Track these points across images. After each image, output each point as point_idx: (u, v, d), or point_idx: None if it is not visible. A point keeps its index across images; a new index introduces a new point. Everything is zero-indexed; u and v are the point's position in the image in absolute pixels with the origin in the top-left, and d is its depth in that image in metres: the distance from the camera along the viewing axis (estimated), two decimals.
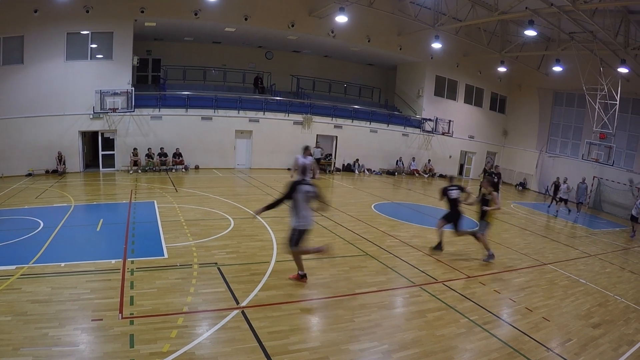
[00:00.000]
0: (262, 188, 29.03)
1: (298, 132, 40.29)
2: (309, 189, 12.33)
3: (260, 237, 17.16)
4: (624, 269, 19.82)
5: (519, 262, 18.20)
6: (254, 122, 38.29)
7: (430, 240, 19.67)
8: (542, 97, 49.71)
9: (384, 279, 14.14)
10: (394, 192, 33.71)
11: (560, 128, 48.30)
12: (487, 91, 52.49)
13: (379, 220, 22.70)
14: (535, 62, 46.80)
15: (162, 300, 11.08)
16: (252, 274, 13.35)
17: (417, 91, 48.35)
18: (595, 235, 27.87)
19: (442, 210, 18.80)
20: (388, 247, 17.76)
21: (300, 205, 12.28)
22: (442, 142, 48.82)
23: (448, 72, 48.82)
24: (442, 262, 16.47)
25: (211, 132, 36.62)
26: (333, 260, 15.31)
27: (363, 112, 44.62)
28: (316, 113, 41.36)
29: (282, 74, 45.69)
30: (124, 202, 18.73)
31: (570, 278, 16.79)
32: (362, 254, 16.41)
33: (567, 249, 22.23)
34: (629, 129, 41.62)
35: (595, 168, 42.14)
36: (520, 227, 26.10)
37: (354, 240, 18.18)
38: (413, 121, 47.51)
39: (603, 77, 37.13)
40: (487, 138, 53.21)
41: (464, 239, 19.98)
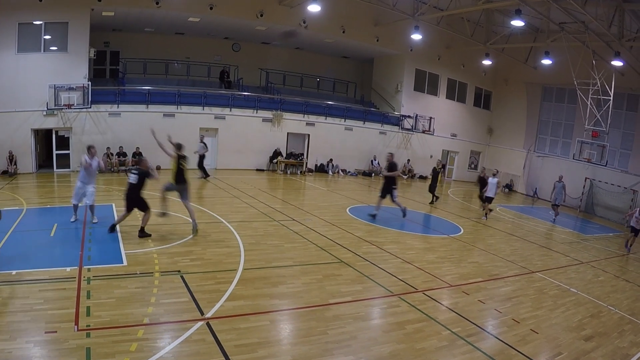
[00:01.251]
0: (229, 190, 29.04)
1: (267, 130, 40.27)
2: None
3: (226, 243, 17.20)
4: (618, 277, 20.04)
5: (505, 269, 18.30)
6: (219, 119, 38.19)
7: (409, 246, 19.85)
8: (530, 93, 49.98)
9: (360, 288, 14.17)
10: (370, 195, 33.68)
11: (550, 126, 48.60)
12: (470, 86, 52.76)
13: (355, 225, 22.74)
14: (522, 55, 47.07)
15: (121, 311, 11.01)
16: (217, 282, 13.33)
17: (395, 86, 48.56)
18: (588, 241, 28.12)
19: (422, 214, 18.90)
20: (364, 253, 17.79)
21: None
22: (423, 140, 48.99)
23: (429, 65, 48.96)
24: (422, 270, 16.53)
25: (174, 130, 35.39)
26: (305, 268, 15.36)
27: (337, 108, 44.73)
28: (287, 109, 41.31)
29: (250, 68, 45.65)
30: (80, 205, 18.64)
31: (560, 287, 16.93)
32: (337, 261, 16.44)
33: (557, 255, 22.43)
34: (623, 127, 41.83)
35: (588, 169, 42.35)
36: (506, 232, 26.24)
37: (328, 247, 18.18)
38: (391, 118, 47.68)
39: (596, 70, 37.30)
40: (470, 136, 53.50)
41: (450, 248, 20.22)
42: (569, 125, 46.67)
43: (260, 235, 18.91)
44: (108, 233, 17.01)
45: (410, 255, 18.33)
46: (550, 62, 41.32)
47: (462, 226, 26.11)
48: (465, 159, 53.97)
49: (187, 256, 15.31)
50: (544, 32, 40.85)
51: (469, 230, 25.31)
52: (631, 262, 23.79)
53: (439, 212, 30.13)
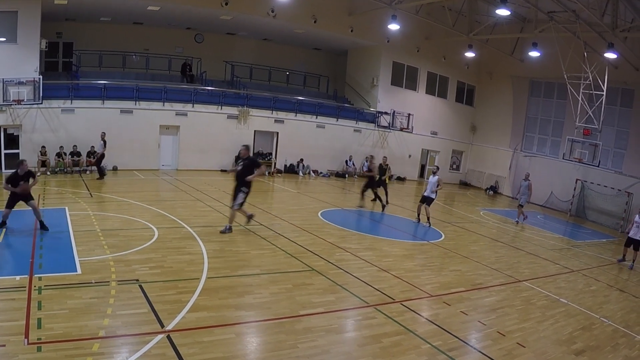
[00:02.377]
0: (191, 192, 28.96)
1: (233, 128, 40.10)
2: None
3: (188, 250, 17.13)
4: (611, 286, 20.22)
5: (490, 278, 18.43)
6: (181, 116, 38.00)
7: (386, 253, 19.94)
8: (517, 87, 50.25)
9: (333, 299, 14.20)
10: (344, 198, 33.90)
11: (538, 123, 48.87)
12: (452, 80, 53.07)
13: (327, 230, 22.78)
14: (508, 47, 47.30)
15: (74, 323, 10.93)
16: (179, 292, 13.30)
17: (371, 80, 48.72)
18: (579, 247, 28.35)
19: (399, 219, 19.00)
20: (337, 261, 17.83)
21: None
22: (401, 139, 49.22)
23: (407, 57, 49.17)
24: (400, 279, 16.59)
25: (132, 128, 36.04)
26: (273, 277, 15.35)
27: (308, 104, 44.79)
28: (254, 105, 41.21)
29: (215, 60, 45.54)
30: (30, 209, 18.56)
31: (549, 297, 17.05)
32: (307, 269, 16.47)
33: (545, 263, 22.59)
34: (617, 124, 42.13)
35: (579, 169, 42.52)
36: (490, 238, 26.45)
37: (298, 254, 18.18)
38: (366, 115, 47.92)
39: (587, 63, 37.45)
40: (452, 134, 53.75)
41: (430, 255, 20.36)
42: (558, 122, 46.89)
43: (225, 241, 18.86)
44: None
45: (387, 263, 18.39)
46: (538, 54, 41.32)
47: (443, 232, 26.18)
48: (447, 158, 54.18)
49: (146, 264, 15.23)
50: (532, 22, 40.93)
51: (450, 236, 25.40)
52: (625, 270, 23.97)
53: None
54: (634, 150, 41.00)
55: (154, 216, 21.56)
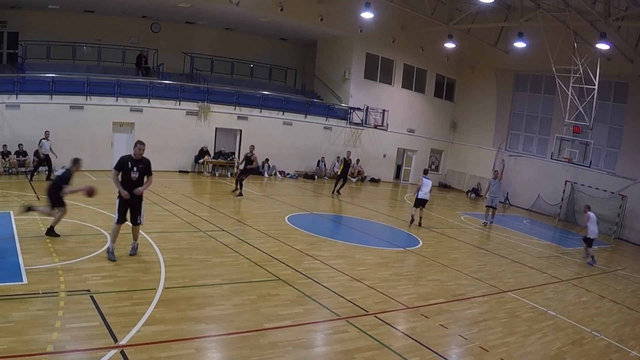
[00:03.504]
0: (147, 195, 28.43)
1: (192, 125, 40.06)
2: None
3: (144, 258, 17.01)
4: (603, 297, 20.39)
5: (472, 289, 18.54)
6: (136, 112, 37.79)
7: (359, 261, 20.01)
8: (501, 81, 50.55)
9: (301, 310, 14.23)
10: (313, 201, 34.09)
11: (524, 119, 49.17)
12: (431, 73, 53.32)
13: (295, 237, 22.79)
14: (492, 37, 47.62)
15: (20, 338, 10.84)
16: (134, 304, 13.22)
17: (342, 73, 48.89)
18: (568, 255, 28.57)
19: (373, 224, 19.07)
20: (306, 270, 17.85)
21: None
22: (375, 137, 49.48)
23: (382, 49, 49.39)
24: (374, 289, 16.64)
25: (83, 125, 35.68)
26: (236, 287, 15.32)
27: (274, 99, 44.82)
28: (215, 101, 41.09)
29: (172, 51, 45.41)
30: None
31: (536, 309, 17.17)
32: (273, 279, 16.46)
33: (532, 272, 22.75)
34: (610, 121, 42.44)
35: (568, 170, 42.87)
36: (472, 245, 26.65)
37: (263, 262, 18.15)
38: (337, 111, 48.03)
39: (577, 55, 37.61)
40: (431, 132, 53.97)
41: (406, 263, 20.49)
42: (546, 119, 47.18)
43: (183, 248, 18.82)
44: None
45: (360, 272, 18.43)
46: (524, 45, 41.42)
47: (420, 238, 26.27)
48: (425, 158, 54.38)
49: (98, 273, 15.10)
50: (517, 10, 40.99)
51: (429, 243, 25.51)
52: (619, 279, 24.21)
53: (394, 222, 30.46)
54: (628, 150, 41.24)
55: (106, 221, 21.30)
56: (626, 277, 25.24)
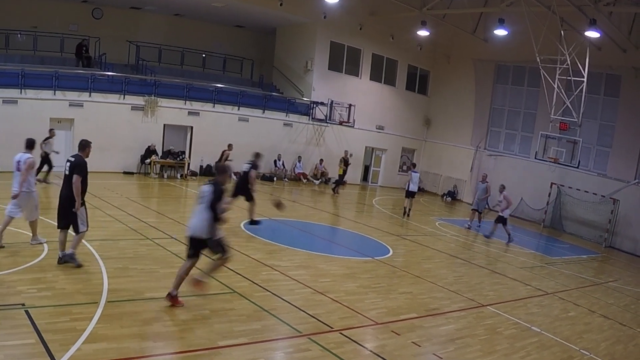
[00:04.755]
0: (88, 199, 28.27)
1: (138, 121, 39.67)
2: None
3: (85, 269, 16.81)
4: (593, 312, 20.57)
5: (447, 302, 18.62)
6: (76, 107, 37.39)
7: (323, 272, 20.05)
8: (480, 72, 50.76)
9: (258, 327, 14.17)
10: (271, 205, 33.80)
11: (505, 115, 49.43)
12: (402, 64, 53.54)
13: (252, 245, 22.81)
14: (469, 24, 47.64)
15: None
16: (73, 319, 13.05)
17: (304, 64, 48.92)
18: (554, 265, 28.86)
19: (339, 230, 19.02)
20: (264, 281, 17.83)
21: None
22: (340, 135, 49.46)
23: (348, 37, 49.45)
24: (339, 303, 16.63)
25: (16, 121, 34.93)
26: (186, 300, 15.07)
27: (229, 93, 44.72)
28: (163, 94, 40.77)
29: (116, 40, 45.03)
30: None
31: (518, 325, 17.26)
32: (228, 292, 16.42)
33: (514, 284, 22.90)
34: (600, 117, 42.65)
35: (554, 171, 43.16)
36: (448, 254, 26.70)
37: (216, 273, 18.06)
38: (299, 106, 48.14)
39: (565, 44, 37.64)
40: (402, 129, 54.19)
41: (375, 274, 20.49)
42: (529, 114, 47.41)
43: (129, 258, 18.74)
44: None
45: (324, 284, 18.47)
46: (505, 32, 41.43)
47: (391, 246, 26.34)
48: (395, 158, 54.78)
49: (34, 285, 14.95)
50: None
51: (400, 252, 25.69)
52: (610, 292, 24.43)
53: (361, 229, 30.51)
54: (621, 149, 41.36)
55: (42, 228, 20.96)
56: (618, 290, 25.47)
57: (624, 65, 40.65)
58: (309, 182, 46.65)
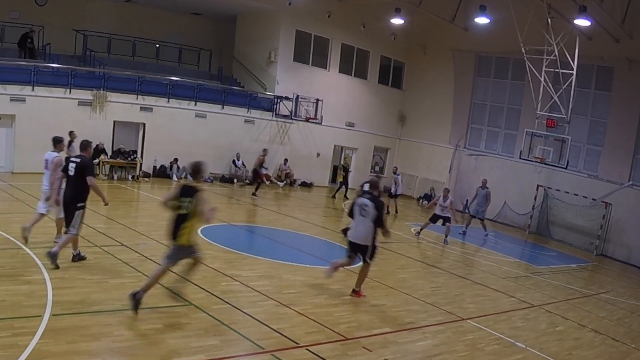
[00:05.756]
0: (31, 203, 28.29)
1: (86, 118, 39.29)
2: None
3: (27, 278, 16.63)
4: (583, 326, 20.58)
5: (424, 316, 18.64)
6: (18, 102, 37.16)
7: (288, 282, 20.01)
8: (459, 64, 50.98)
9: (217, 342, 14.06)
10: (232, 210, 34.12)
11: (487, 111, 49.63)
12: (374, 55, 53.73)
13: (210, 253, 22.42)
14: (448, 11, 47.71)
15: None
16: (15, 334, 12.89)
17: (267, 55, 48.89)
18: (541, 274, 28.92)
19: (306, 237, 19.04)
20: (223, 293, 17.75)
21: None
22: (307, 132, 49.71)
23: (315, 26, 49.58)
24: (306, 317, 16.57)
25: None
26: (139, 314, 14.83)
27: (185, 86, 44.64)
28: (113, 88, 40.48)
29: (62, 29, 44.65)
30: None
31: (501, 340, 17.24)
32: (184, 304, 16.24)
33: (497, 295, 23.00)
34: (591, 113, 42.76)
35: (541, 172, 43.38)
36: (425, 263, 26.85)
37: (171, 283, 17.40)
38: (261, 101, 48.25)
39: (552, 33, 37.75)
40: (374, 126, 54.37)
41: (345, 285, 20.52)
42: (513, 110, 47.60)
43: (75, 267, 18.48)
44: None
45: (289, 296, 18.43)
46: (487, 21, 41.58)
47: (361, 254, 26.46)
48: (367, 158, 54.90)
49: None
50: None
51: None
52: (602, 305, 24.51)
53: (330, 235, 30.55)
54: (613, 147, 41.42)
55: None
56: (611, 302, 25.58)
57: (616, 57, 40.71)
58: (272, 184, 46.60)
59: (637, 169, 40.72)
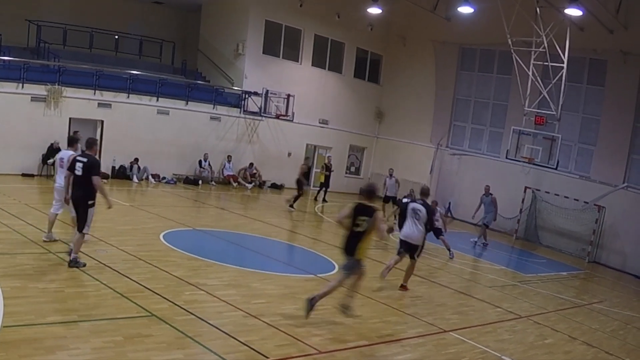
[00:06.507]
0: None
1: (40, 114, 39.04)
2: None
3: None
4: (574, 339, 20.61)
5: (403, 327, 18.77)
6: None
7: (257, 292, 19.91)
8: (441, 57, 51.07)
9: (181, 356, 13.97)
10: (197, 213, 34.22)
11: (471, 107, 49.80)
12: (350, 47, 53.87)
13: (173, 260, 22.63)
14: (429, 0, 48.25)
15: None
16: None
17: (234, 47, 48.87)
18: (529, 283, 28.97)
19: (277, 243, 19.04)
20: (187, 303, 17.59)
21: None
22: (277, 130, 49.72)
23: (286, 15, 49.64)
24: (276, 328, 16.45)
25: None
26: (96, 325, 14.84)
27: (146, 81, 44.52)
28: (69, 83, 40.18)
29: (13, 19, 44.34)
30: None
31: (486, 354, 17.27)
32: (145, 315, 16.14)
33: (482, 306, 23.08)
34: (583, 109, 42.91)
35: (529, 173, 43.51)
36: (404, 271, 26.00)
37: (131, 293, 17.73)
38: (228, 96, 48.21)
39: (541, 23, 37.92)
40: (350, 124, 54.52)
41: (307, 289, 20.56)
42: (500, 106, 47.75)
43: (28, 275, 18.28)
44: None
45: (259, 306, 18.32)
46: (471, 10, 41.46)
47: (336, 261, 25.55)
48: (342, 157, 54.87)
49: None
50: None
51: None
52: (595, 316, 24.57)
53: (302, 240, 30.71)
54: (607, 147, 41.46)
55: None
56: (604, 313, 25.67)
57: (610, 49, 40.72)
58: (240, 186, 46.72)
59: (633, 169, 40.78)
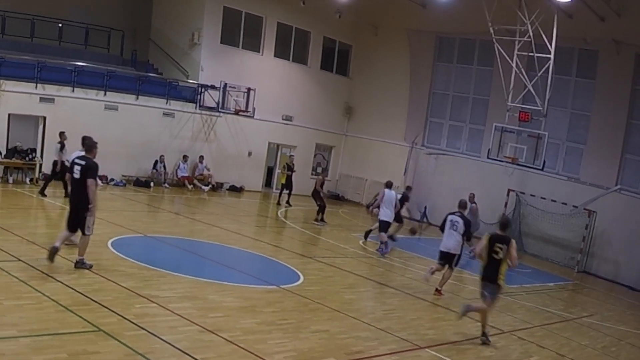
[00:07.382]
0: None
1: None
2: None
3: None
4: (562, 355, 20.64)
5: (374, 343, 18.57)
6: None
7: (214, 304, 19.88)
8: (416, 47, 51.10)
9: None
10: (148, 219, 34.23)
11: (449, 102, 49.84)
12: (316, 36, 54.00)
13: (122, 269, 22.44)
14: None
15: None
16: None
17: (190, 36, 48.75)
18: (513, 295, 28.94)
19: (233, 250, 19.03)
20: (138, 316, 17.41)
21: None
22: (236, 127, 49.75)
23: (246, 1, 49.64)
24: (235, 344, 16.35)
25: None
26: (39, 342, 14.59)
27: (93, 73, 44.27)
28: (8, 75, 40.01)
29: None
30: None
31: None
32: (91, 330, 15.93)
33: (461, 320, 22.39)
34: (572, 104, 43.07)
35: (512, 175, 43.45)
36: (375, 282, 26.86)
37: (76, 305, 17.52)
38: (183, 90, 48.20)
39: (526, 10, 37.77)
40: (316, 121, 54.66)
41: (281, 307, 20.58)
42: (480, 101, 47.89)
43: None
44: None
45: (216, 320, 18.27)
46: None
47: (301, 271, 26.20)
48: (308, 157, 55.00)
49: None
50: None
51: (313, 279, 25.53)
52: (585, 331, 24.60)
53: (264, 248, 30.60)
54: (598, 146, 41.51)
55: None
56: (595, 328, 25.72)
57: (601, 38, 40.66)
58: (196, 189, 46.67)
59: (626, 170, 40.83)
